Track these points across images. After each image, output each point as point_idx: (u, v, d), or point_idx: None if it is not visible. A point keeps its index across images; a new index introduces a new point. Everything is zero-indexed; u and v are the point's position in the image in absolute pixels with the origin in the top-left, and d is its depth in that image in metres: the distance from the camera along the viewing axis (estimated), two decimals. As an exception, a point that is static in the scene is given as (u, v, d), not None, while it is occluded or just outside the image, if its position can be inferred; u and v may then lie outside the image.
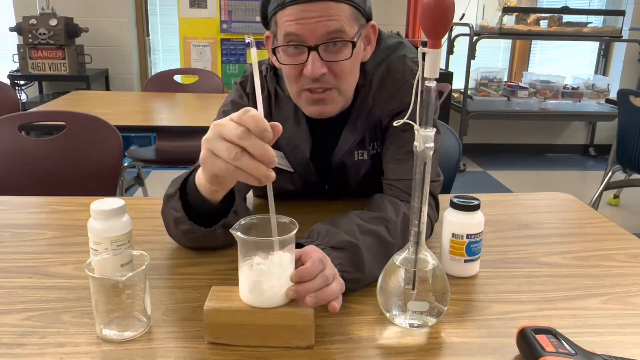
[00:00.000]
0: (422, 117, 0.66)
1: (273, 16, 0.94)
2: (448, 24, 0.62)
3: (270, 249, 0.67)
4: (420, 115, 0.66)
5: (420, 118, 0.66)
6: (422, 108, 0.66)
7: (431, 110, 0.66)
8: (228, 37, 4.18)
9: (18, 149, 1.63)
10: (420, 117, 0.66)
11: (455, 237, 0.85)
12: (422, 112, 0.66)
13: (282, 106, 1.05)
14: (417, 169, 0.68)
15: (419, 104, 0.66)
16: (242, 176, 0.67)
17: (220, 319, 0.67)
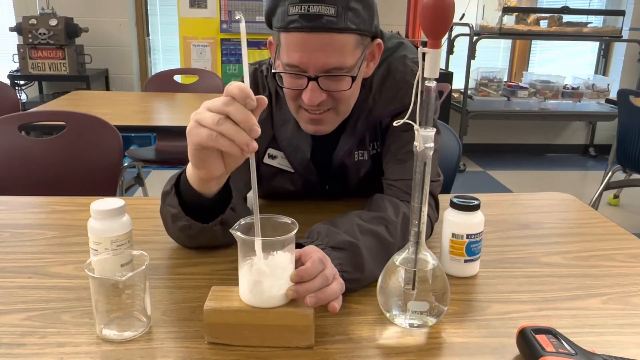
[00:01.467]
0: (422, 117, 0.66)
1: (277, 31, 0.92)
2: (448, 24, 0.62)
3: (270, 249, 0.67)
4: (420, 115, 0.66)
5: (420, 118, 0.66)
6: (422, 108, 0.66)
7: (431, 110, 0.66)
8: (228, 37, 4.18)
9: (18, 149, 1.63)
10: (420, 117, 0.66)
11: (455, 237, 0.85)
12: (422, 112, 0.66)
13: (283, 107, 1.05)
14: (417, 169, 0.68)
15: (419, 104, 0.66)
16: (224, 144, 0.68)
17: (221, 319, 0.67)
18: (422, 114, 0.66)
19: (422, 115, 0.66)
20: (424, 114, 0.66)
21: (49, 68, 3.81)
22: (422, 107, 0.66)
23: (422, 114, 0.66)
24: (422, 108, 0.66)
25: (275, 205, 1.13)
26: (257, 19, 4.15)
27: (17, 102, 2.71)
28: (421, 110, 0.66)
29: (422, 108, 0.66)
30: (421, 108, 0.66)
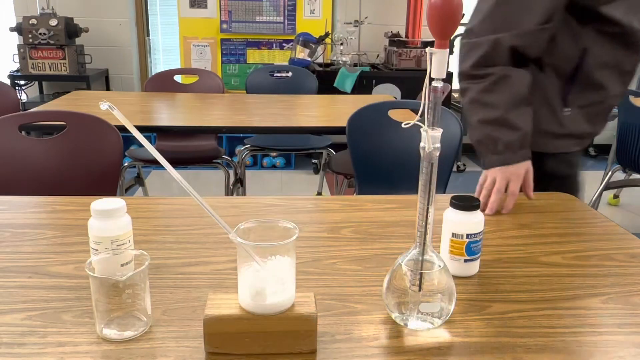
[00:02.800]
0: (430, 117, 0.66)
1: None
2: (456, 25, 0.62)
3: (271, 254, 0.66)
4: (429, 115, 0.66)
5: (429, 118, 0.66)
6: (430, 109, 0.66)
7: (438, 111, 0.66)
8: (228, 37, 4.19)
9: (18, 149, 1.63)
10: (428, 117, 0.66)
11: (455, 236, 0.85)
12: (430, 112, 0.66)
13: None
14: (423, 169, 0.68)
15: (427, 104, 0.66)
16: None
17: (221, 328, 0.65)
18: (430, 115, 0.66)
19: (430, 115, 0.66)
20: (431, 114, 0.66)
21: (49, 68, 3.81)
22: (430, 108, 0.66)
23: (430, 115, 0.66)
24: (430, 109, 0.66)
25: (277, 206, 1.13)
26: (257, 19, 4.15)
27: (17, 102, 2.71)
28: (429, 111, 0.66)
29: (430, 109, 0.66)
30: (429, 109, 0.66)
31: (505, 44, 1.14)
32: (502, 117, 1.15)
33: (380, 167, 1.97)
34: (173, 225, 1.05)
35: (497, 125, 1.15)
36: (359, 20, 4.10)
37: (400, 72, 3.94)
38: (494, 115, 1.15)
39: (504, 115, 1.14)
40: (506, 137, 1.15)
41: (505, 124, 1.15)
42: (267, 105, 2.55)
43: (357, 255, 0.95)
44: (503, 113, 1.15)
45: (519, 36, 1.14)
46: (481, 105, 1.18)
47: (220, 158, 2.70)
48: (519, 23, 1.14)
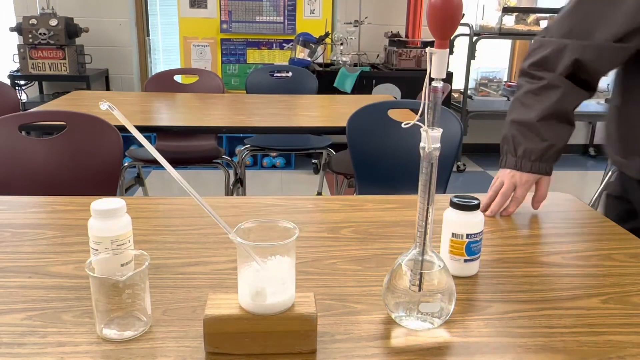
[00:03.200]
0: (430, 117, 0.66)
1: None
2: (456, 25, 0.62)
3: (269, 254, 0.66)
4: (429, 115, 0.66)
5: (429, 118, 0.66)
6: (430, 109, 0.66)
7: (438, 111, 0.66)
8: (228, 37, 4.19)
9: (18, 149, 1.63)
10: (428, 117, 0.66)
11: (455, 236, 0.85)
12: (429, 112, 0.66)
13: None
14: (423, 169, 0.68)
15: (427, 104, 0.66)
16: None
17: (221, 328, 0.65)
18: (430, 115, 0.66)
19: (430, 115, 0.66)
20: (431, 114, 0.66)
21: (49, 68, 3.81)
22: (430, 108, 0.66)
23: (430, 115, 0.66)
24: (430, 109, 0.66)
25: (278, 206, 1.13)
26: (257, 19, 4.15)
27: (17, 102, 2.71)
28: (429, 111, 0.66)
29: (430, 109, 0.66)
30: (429, 109, 0.66)
31: (569, 53, 1.06)
32: (532, 123, 1.10)
33: (380, 167, 1.97)
34: (173, 225, 1.05)
35: (525, 128, 1.11)
36: (359, 20, 4.10)
37: (400, 72, 3.94)
38: (526, 119, 1.11)
39: (534, 122, 1.09)
40: (529, 143, 1.10)
41: (532, 131, 1.10)
42: (267, 105, 2.55)
43: (357, 255, 0.95)
44: (534, 119, 1.09)
45: (586, 48, 1.04)
46: (520, 104, 1.13)
47: (220, 158, 2.70)
48: (590, 33, 1.03)
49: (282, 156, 4.15)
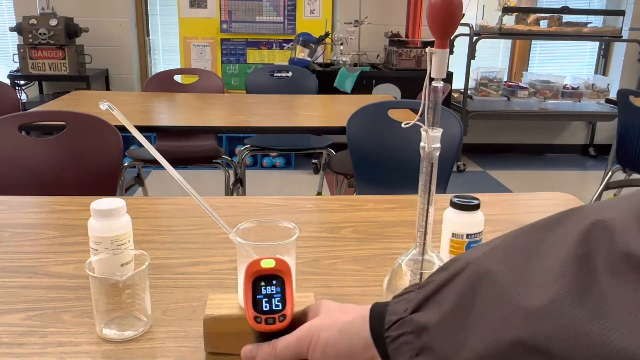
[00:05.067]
0: (430, 117, 0.66)
1: None
2: (456, 24, 0.62)
3: (269, 254, 0.66)
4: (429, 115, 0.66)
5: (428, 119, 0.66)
6: (430, 108, 0.66)
7: (438, 111, 0.66)
8: (228, 37, 4.19)
9: (18, 149, 1.63)
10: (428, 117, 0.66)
11: (455, 236, 0.85)
12: (430, 112, 0.66)
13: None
14: (423, 169, 0.68)
15: (427, 104, 0.66)
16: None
17: (221, 328, 0.66)
18: (430, 115, 0.66)
19: (430, 115, 0.66)
20: (431, 114, 0.66)
21: (49, 68, 3.81)
22: (430, 108, 0.66)
23: (430, 115, 0.66)
24: (430, 109, 0.66)
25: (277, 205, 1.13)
26: (257, 19, 4.15)
27: (17, 102, 2.71)
28: (429, 111, 0.66)
29: (430, 109, 0.66)
30: (429, 108, 0.66)
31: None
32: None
33: (380, 167, 1.97)
34: (173, 225, 1.05)
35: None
36: (359, 20, 4.09)
37: (400, 72, 3.94)
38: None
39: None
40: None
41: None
42: (267, 105, 2.55)
43: (357, 255, 0.95)
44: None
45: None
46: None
47: (220, 158, 2.70)
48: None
49: (282, 156, 4.15)
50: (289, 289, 0.52)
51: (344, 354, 0.47)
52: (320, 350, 0.48)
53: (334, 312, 0.51)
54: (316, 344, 0.48)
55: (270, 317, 0.51)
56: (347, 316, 0.49)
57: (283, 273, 0.52)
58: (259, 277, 0.52)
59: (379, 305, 0.48)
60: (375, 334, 0.46)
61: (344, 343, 0.47)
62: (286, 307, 0.51)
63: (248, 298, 0.51)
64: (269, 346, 0.50)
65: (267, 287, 0.52)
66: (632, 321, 0.31)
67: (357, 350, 0.47)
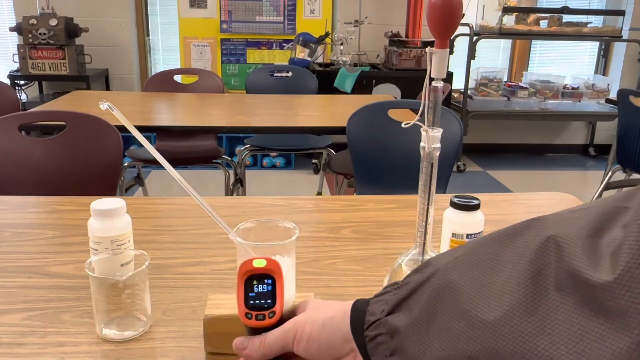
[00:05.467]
0: (430, 117, 0.66)
1: None
2: (456, 24, 0.62)
3: (269, 254, 0.66)
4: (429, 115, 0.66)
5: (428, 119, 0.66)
6: (430, 108, 0.66)
7: (438, 111, 0.66)
8: (228, 37, 4.19)
9: (18, 149, 1.63)
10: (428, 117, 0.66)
11: (455, 236, 0.85)
12: (430, 112, 0.66)
13: None
14: (423, 169, 0.68)
15: (427, 104, 0.66)
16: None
17: (221, 327, 0.65)
18: (430, 115, 0.66)
19: (430, 115, 0.66)
20: (431, 114, 0.66)
21: (49, 68, 3.81)
22: (430, 108, 0.66)
23: (430, 115, 0.66)
24: (430, 109, 0.66)
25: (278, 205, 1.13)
26: (257, 19, 4.15)
27: (17, 102, 2.71)
28: (429, 111, 0.66)
29: (430, 109, 0.66)
30: (429, 109, 0.66)
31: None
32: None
33: (380, 167, 1.97)
34: (173, 225, 1.05)
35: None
36: (359, 20, 4.10)
37: (400, 72, 3.94)
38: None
39: None
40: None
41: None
42: (267, 105, 2.55)
43: (357, 255, 0.95)
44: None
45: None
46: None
47: (220, 158, 2.70)
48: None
49: (282, 156, 4.15)
50: (280, 287, 0.55)
51: (325, 346, 0.50)
52: (304, 343, 0.51)
53: (319, 308, 0.54)
54: (300, 336, 0.51)
55: (261, 314, 0.53)
56: (330, 311, 0.52)
57: (274, 272, 0.55)
58: (251, 276, 0.55)
59: (360, 303, 0.51)
60: (355, 332, 0.49)
61: (325, 336, 0.50)
62: (276, 305, 0.54)
63: (240, 295, 0.54)
64: (259, 338, 0.54)
65: (259, 285, 0.54)
66: (570, 341, 0.33)
67: (337, 343, 0.50)
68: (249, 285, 0.54)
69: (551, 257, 0.38)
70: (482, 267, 0.42)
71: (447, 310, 0.42)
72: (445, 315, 0.42)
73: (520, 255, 0.40)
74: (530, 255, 0.39)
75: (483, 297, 0.40)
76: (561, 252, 0.37)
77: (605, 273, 0.33)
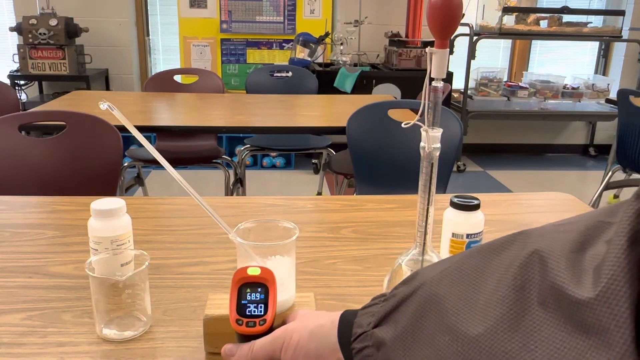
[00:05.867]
0: (430, 117, 0.66)
1: None
2: (456, 24, 0.62)
3: (269, 254, 0.66)
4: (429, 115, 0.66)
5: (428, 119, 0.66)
6: (430, 108, 0.66)
7: (438, 111, 0.66)
8: (228, 37, 4.19)
9: (18, 149, 1.63)
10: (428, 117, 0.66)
11: (455, 236, 0.85)
12: (430, 112, 0.66)
13: None
14: (423, 169, 0.68)
15: (427, 104, 0.66)
16: None
17: (221, 328, 0.65)
18: (430, 115, 0.66)
19: (430, 115, 0.66)
20: (431, 114, 0.66)
21: (49, 68, 3.81)
22: (430, 108, 0.66)
23: (430, 115, 0.66)
24: (430, 109, 0.66)
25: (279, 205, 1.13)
26: (257, 19, 4.15)
27: (17, 102, 2.71)
28: (429, 111, 0.66)
29: (430, 109, 0.66)
30: (429, 108, 0.66)
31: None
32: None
33: (380, 167, 1.97)
34: (173, 225, 1.05)
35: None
36: (359, 20, 4.09)
37: (400, 72, 3.94)
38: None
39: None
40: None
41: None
42: (267, 105, 2.55)
43: (357, 255, 0.95)
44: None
45: None
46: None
47: (220, 158, 2.70)
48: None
49: (282, 156, 4.15)
50: (272, 296, 0.55)
51: (312, 355, 0.50)
52: (291, 351, 0.51)
53: (308, 317, 0.54)
54: (288, 344, 0.51)
55: (251, 321, 0.54)
56: (319, 321, 0.52)
57: (267, 281, 0.56)
58: (245, 284, 0.56)
59: (348, 314, 0.51)
60: (342, 343, 0.49)
61: (312, 345, 0.50)
62: (267, 313, 0.54)
63: (233, 302, 0.55)
64: (248, 345, 0.54)
65: (252, 293, 0.55)
66: (552, 357, 0.33)
67: (325, 353, 0.50)
68: (242, 292, 0.55)
69: (535, 271, 0.37)
70: (468, 281, 0.42)
71: (432, 324, 0.41)
72: (431, 329, 0.41)
73: (505, 269, 0.40)
74: (515, 270, 0.39)
75: (468, 311, 0.39)
76: (545, 267, 0.37)
77: (587, 289, 0.33)
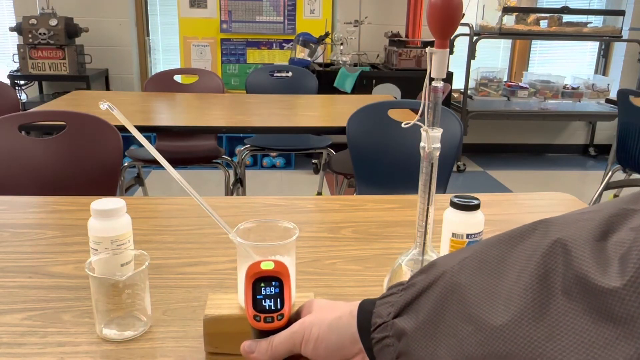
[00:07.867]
0: (430, 117, 0.66)
1: None
2: (456, 24, 0.62)
3: (269, 254, 0.66)
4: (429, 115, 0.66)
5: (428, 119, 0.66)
6: (430, 108, 0.66)
7: (438, 111, 0.66)
8: (228, 37, 4.19)
9: (18, 149, 1.63)
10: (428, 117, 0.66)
11: (455, 236, 0.85)
12: (430, 112, 0.66)
13: None
14: (424, 169, 0.68)
15: (427, 104, 0.66)
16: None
17: (221, 328, 0.66)
18: (430, 115, 0.66)
19: (430, 115, 0.66)
20: (431, 114, 0.66)
21: (49, 68, 3.81)
22: (430, 108, 0.66)
23: (430, 115, 0.66)
24: (430, 108, 0.66)
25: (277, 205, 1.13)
26: (257, 19, 4.15)
27: (17, 102, 2.71)
28: (429, 111, 0.66)
29: (430, 108, 0.66)
30: (429, 108, 0.66)
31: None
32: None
33: (380, 167, 1.97)
34: (173, 225, 1.05)
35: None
36: (359, 20, 4.10)
37: (400, 72, 3.94)
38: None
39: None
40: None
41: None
42: (267, 105, 2.55)
43: (357, 255, 0.95)
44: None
45: None
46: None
47: (220, 158, 2.70)
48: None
49: (282, 156, 4.15)
50: (287, 289, 0.54)
51: (332, 347, 0.50)
52: (312, 344, 0.51)
53: (325, 309, 0.54)
54: (308, 338, 0.51)
55: (269, 316, 0.53)
56: (337, 312, 0.51)
57: (282, 275, 0.55)
58: (259, 279, 0.54)
59: (367, 304, 0.50)
60: (362, 333, 0.49)
61: (333, 337, 0.50)
62: (284, 307, 0.54)
63: (248, 298, 0.53)
64: (267, 341, 0.53)
65: (267, 287, 0.54)
66: (579, 347, 0.33)
67: (346, 344, 0.50)
68: (256, 287, 0.54)
69: (558, 261, 0.37)
70: (489, 270, 0.41)
71: (454, 314, 0.41)
72: (453, 319, 0.41)
73: (528, 258, 0.39)
74: (538, 259, 0.38)
75: (490, 301, 0.39)
76: (569, 255, 0.36)
77: (613, 278, 0.33)
